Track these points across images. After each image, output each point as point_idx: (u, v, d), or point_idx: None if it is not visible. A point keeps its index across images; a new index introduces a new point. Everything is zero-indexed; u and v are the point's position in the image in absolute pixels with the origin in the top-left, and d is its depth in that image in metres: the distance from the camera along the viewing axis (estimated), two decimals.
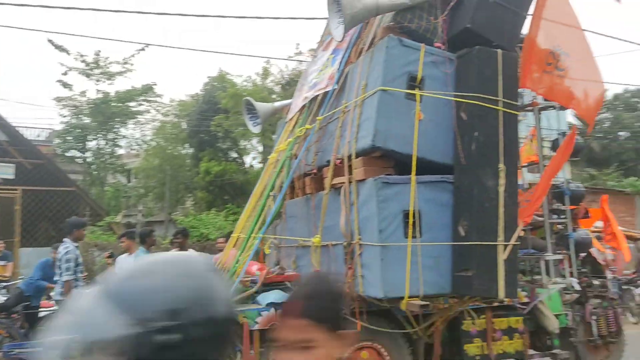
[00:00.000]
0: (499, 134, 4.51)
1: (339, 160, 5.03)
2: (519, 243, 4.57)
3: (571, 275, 5.69)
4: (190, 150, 23.10)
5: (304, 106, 6.05)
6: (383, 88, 4.61)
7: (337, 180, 5.16)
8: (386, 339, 5.13)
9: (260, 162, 20.81)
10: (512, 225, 4.50)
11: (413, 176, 4.55)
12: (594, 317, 6.22)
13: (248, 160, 22.76)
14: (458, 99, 4.62)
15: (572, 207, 5.91)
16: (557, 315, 5.85)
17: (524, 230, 5.44)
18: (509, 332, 5.61)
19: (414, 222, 4.53)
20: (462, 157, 4.54)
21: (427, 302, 4.58)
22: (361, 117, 4.86)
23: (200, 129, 21.24)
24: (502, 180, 4.46)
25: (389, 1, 4.72)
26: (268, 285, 5.43)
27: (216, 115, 19.39)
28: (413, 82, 4.68)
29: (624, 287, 8.29)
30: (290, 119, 6.43)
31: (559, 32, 4.63)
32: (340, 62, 5.53)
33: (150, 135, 24.20)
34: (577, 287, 5.85)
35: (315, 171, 5.59)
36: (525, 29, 4.86)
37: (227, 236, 7.12)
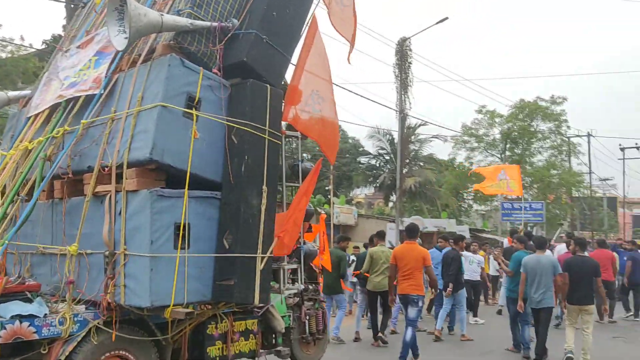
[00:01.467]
0: (264, 159, 5.18)
1: (107, 168, 5.01)
2: (272, 255, 5.28)
3: (299, 282, 6.68)
4: None
5: (58, 104, 5.75)
6: (163, 104, 4.83)
7: (101, 188, 5.12)
8: (136, 346, 5.26)
9: None
10: (269, 239, 5.20)
11: (186, 191, 4.88)
12: (307, 317, 7.36)
13: None
14: (231, 124, 5.13)
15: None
16: (282, 317, 6.78)
17: None
18: (246, 333, 6.28)
19: (183, 235, 4.85)
20: (231, 176, 5.06)
21: (192, 310, 4.93)
22: (136, 128, 4.96)
23: None
24: (264, 200, 5.14)
25: (173, 21, 4.98)
26: (6, 296, 5.02)
27: None
28: (191, 102, 5.01)
29: None
30: (37, 115, 6.01)
31: (317, 80, 5.55)
32: (109, 68, 5.48)
33: None
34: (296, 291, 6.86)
35: (70, 175, 5.38)
36: (289, 71, 5.68)
37: None
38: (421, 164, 36.03)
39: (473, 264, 11.68)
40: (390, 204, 35.44)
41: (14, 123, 6.82)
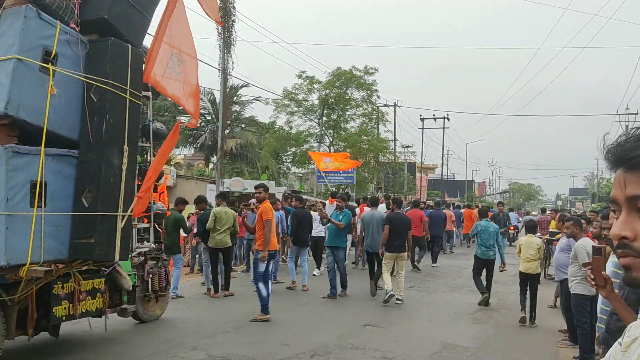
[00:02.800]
0: (126, 119, 5.27)
1: None
2: (132, 213, 5.44)
3: (150, 242, 6.85)
4: None
5: None
6: (20, 57, 4.68)
7: None
8: None
9: None
10: (129, 198, 5.35)
11: (43, 148, 4.81)
12: (151, 276, 7.55)
13: None
14: (90, 82, 5.12)
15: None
16: (128, 275, 6.91)
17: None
18: (93, 292, 6.33)
19: (40, 193, 4.80)
20: (91, 135, 5.08)
21: (51, 268, 4.93)
22: None
23: None
24: (125, 160, 5.25)
25: None
26: None
27: None
28: (48, 56, 4.90)
29: None
30: None
31: (178, 43, 5.69)
32: None
33: None
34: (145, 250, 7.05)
35: None
36: (150, 32, 5.73)
37: None
38: (243, 125, 36.55)
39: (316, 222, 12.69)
40: (211, 165, 35.50)
41: None
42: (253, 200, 10.62)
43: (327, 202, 15.59)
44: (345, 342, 6.98)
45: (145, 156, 6.37)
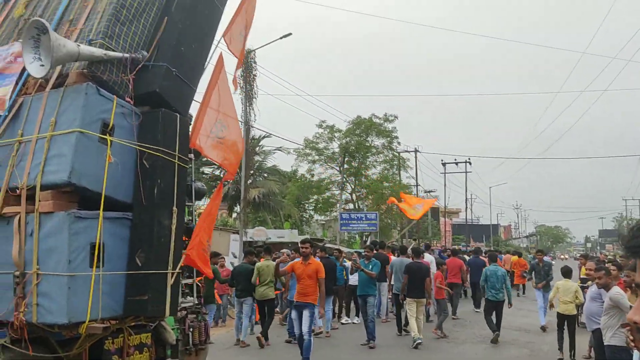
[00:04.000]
0: (174, 182, 5.74)
1: (18, 190, 5.21)
2: (181, 271, 5.84)
3: (193, 296, 7.22)
4: None
5: None
6: (81, 130, 5.20)
7: (9, 210, 5.30)
8: None
9: None
10: (178, 255, 5.76)
11: (101, 212, 5.27)
12: (191, 329, 7.89)
13: None
14: (143, 149, 5.62)
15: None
16: (172, 329, 7.27)
17: None
18: (140, 347, 6.67)
19: (98, 254, 5.24)
20: (144, 198, 5.54)
21: (109, 325, 5.32)
22: (50, 152, 5.24)
23: None
24: (174, 220, 5.69)
25: (89, 52, 5.35)
26: None
27: None
28: (105, 128, 5.42)
29: None
30: None
31: (222, 107, 6.23)
32: (13, 90, 5.64)
33: None
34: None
35: None
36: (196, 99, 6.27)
37: None
38: (265, 175, 37.26)
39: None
40: (234, 215, 36.05)
41: None
42: (286, 250, 11.13)
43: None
44: None
45: (188, 215, 6.82)
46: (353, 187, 37.68)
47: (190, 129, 6.07)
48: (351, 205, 38.00)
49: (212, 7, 6.44)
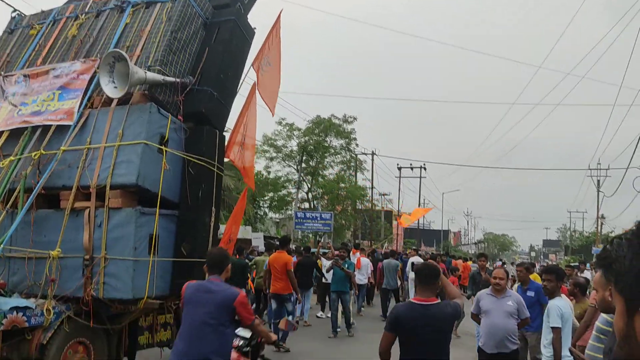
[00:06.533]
0: (213, 187, 7.30)
1: (89, 188, 6.65)
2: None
3: None
4: None
5: (24, 129, 7.10)
6: (146, 142, 6.69)
7: (80, 204, 6.72)
8: (93, 335, 6.93)
9: None
10: None
11: (157, 210, 6.78)
12: None
13: None
14: (189, 158, 7.14)
15: None
16: None
17: None
18: (165, 325, 8.19)
19: (155, 243, 6.74)
20: (189, 199, 7.07)
21: (162, 301, 6.84)
22: (118, 158, 6.69)
23: None
24: (213, 218, 7.25)
25: (152, 77, 6.84)
26: None
27: None
28: (162, 140, 6.92)
29: None
30: None
31: (249, 131, 7.84)
32: (80, 104, 7.05)
33: None
34: None
35: (43, 192, 6.82)
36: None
37: None
38: None
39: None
40: None
41: None
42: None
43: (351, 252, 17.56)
44: None
45: None
46: (309, 186, 39.23)
47: (225, 144, 7.64)
48: (307, 205, 39.55)
49: (243, 41, 8.03)
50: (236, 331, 5.10)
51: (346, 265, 12.48)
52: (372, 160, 42.53)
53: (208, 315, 4.63)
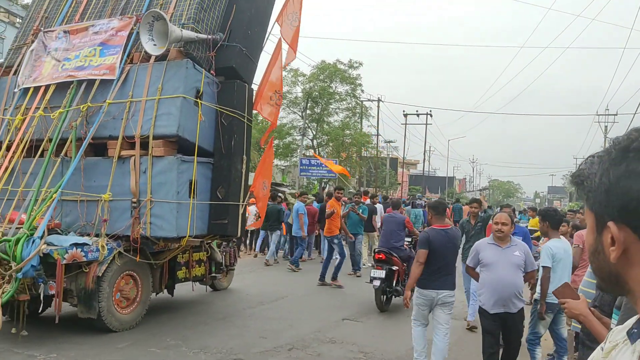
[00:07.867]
0: (244, 137, 8.13)
1: (136, 138, 7.49)
2: (247, 203, 8.32)
3: None
4: None
5: (69, 83, 7.88)
6: (184, 96, 7.49)
7: (125, 153, 7.58)
8: (140, 268, 7.90)
9: None
10: (246, 192, 8.22)
11: (195, 157, 7.64)
12: (224, 253, 10.40)
13: None
14: (222, 110, 7.95)
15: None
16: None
17: None
18: (199, 262, 9.20)
19: (194, 188, 7.63)
20: (223, 148, 7.92)
21: (202, 239, 7.80)
22: (159, 110, 7.50)
23: None
24: (244, 166, 8.12)
25: (187, 35, 7.59)
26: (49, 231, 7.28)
27: None
28: (197, 94, 7.71)
29: None
30: (38, 87, 8.02)
31: (277, 84, 8.60)
32: (121, 59, 7.81)
33: None
34: None
35: (91, 141, 7.66)
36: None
37: None
38: None
39: None
40: None
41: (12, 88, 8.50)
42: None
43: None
44: (323, 336, 7.75)
45: None
46: (314, 133, 39.85)
47: (253, 97, 8.43)
48: (312, 152, 40.28)
49: None
50: None
51: (360, 210, 13.48)
52: (378, 106, 42.96)
53: None
